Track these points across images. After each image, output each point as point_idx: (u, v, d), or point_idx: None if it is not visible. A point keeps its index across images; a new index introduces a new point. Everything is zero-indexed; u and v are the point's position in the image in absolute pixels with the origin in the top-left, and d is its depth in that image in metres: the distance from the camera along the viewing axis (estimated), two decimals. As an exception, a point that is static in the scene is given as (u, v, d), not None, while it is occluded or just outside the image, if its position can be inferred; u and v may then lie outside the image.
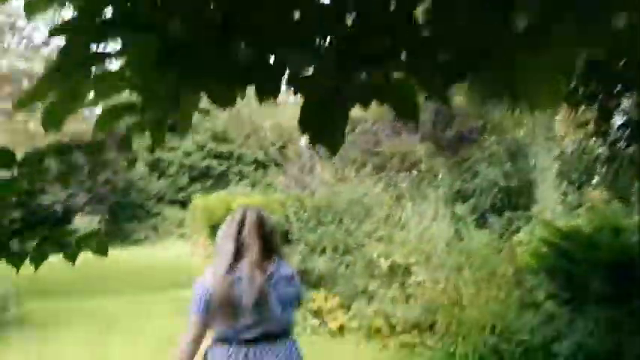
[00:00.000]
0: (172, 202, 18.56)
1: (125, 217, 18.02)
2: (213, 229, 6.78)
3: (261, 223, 2.12)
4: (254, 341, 2.07)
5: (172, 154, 19.03)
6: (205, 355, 2.15)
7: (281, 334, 2.15)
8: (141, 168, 18.46)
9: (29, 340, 6.00)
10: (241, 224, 2.09)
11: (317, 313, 6.07)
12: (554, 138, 7.24)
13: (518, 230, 6.27)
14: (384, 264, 5.87)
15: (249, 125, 16.23)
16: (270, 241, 2.12)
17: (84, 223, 18.94)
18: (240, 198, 7.55)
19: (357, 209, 6.82)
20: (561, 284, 4.83)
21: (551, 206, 6.28)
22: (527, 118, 7.88)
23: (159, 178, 18.89)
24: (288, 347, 2.17)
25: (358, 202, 6.88)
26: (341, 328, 5.92)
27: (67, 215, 16.50)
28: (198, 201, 7.73)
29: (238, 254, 2.05)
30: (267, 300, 2.03)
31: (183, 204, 16.79)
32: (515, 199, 7.23)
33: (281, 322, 2.12)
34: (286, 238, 6.68)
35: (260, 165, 19.59)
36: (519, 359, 4.53)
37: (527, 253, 5.46)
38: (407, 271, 5.87)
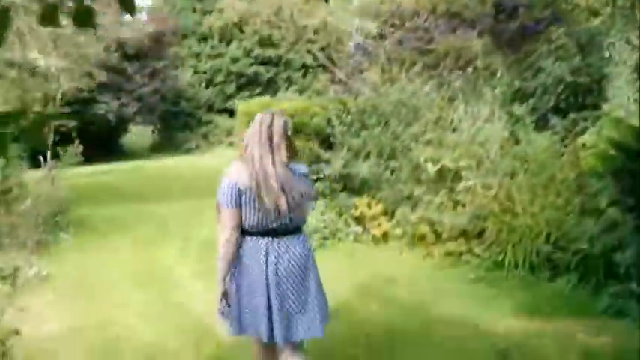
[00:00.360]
0: (221, 111, 18.50)
1: (176, 127, 18.23)
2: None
3: (286, 127, 2.34)
4: (277, 233, 2.30)
5: (219, 60, 18.69)
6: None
7: (299, 227, 2.39)
8: (188, 75, 18.35)
9: (82, 243, 6.26)
10: (271, 128, 2.29)
11: (359, 220, 5.91)
12: (634, 26, 6.28)
13: (583, 132, 5.66)
14: (432, 169, 5.53)
15: (294, 27, 15.50)
16: (291, 143, 2.36)
17: (137, 131, 19.48)
18: (281, 102, 7.23)
19: (404, 111, 6.38)
20: (627, 189, 4.35)
21: (625, 104, 5.57)
22: (605, 4, 6.87)
23: (207, 86, 18.75)
24: (302, 240, 2.39)
25: (406, 103, 6.41)
26: (384, 235, 5.76)
27: (122, 124, 16.89)
28: (242, 107, 7.47)
29: (272, 155, 2.25)
30: (295, 195, 2.27)
31: (232, 112, 16.76)
32: (582, 98, 6.48)
33: (301, 216, 2.36)
34: (328, 142, 6.42)
35: (308, 70, 18.97)
36: (575, 269, 4.21)
37: (591, 157, 4.94)
38: (456, 176, 5.50)
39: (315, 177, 6.18)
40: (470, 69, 7.48)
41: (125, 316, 4.19)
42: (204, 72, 19.02)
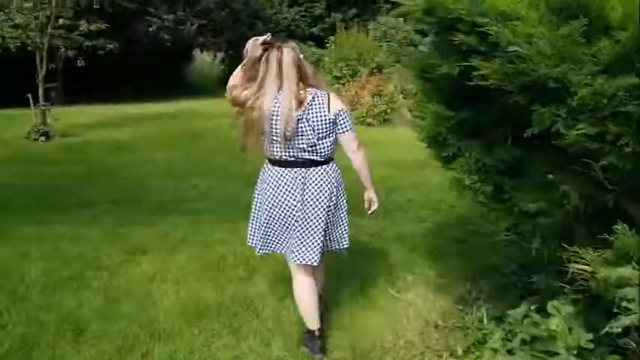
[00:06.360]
0: (306, 38, 14.62)
1: (249, 55, 14.71)
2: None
3: (295, 59, 2.32)
4: (290, 164, 2.36)
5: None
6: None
7: (315, 160, 2.36)
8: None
9: None
10: (280, 63, 2.29)
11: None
12: None
13: None
14: None
15: None
16: (305, 73, 2.35)
17: (204, 63, 16.17)
18: None
19: None
20: None
21: None
22: None
23: (290, 5, 14.80)
24: (322, 170, 2.38)
25: None
26: None
27: (183, 50, 13.55)
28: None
29: (280, 89, 2.31)
30: (296, 131, 2.29)
31: (318, 40, 12.82)
32: None
33: (315, 149, 2.33)
34: None
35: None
36: None
37: None
38: None
39: None
40: None
41: None
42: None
